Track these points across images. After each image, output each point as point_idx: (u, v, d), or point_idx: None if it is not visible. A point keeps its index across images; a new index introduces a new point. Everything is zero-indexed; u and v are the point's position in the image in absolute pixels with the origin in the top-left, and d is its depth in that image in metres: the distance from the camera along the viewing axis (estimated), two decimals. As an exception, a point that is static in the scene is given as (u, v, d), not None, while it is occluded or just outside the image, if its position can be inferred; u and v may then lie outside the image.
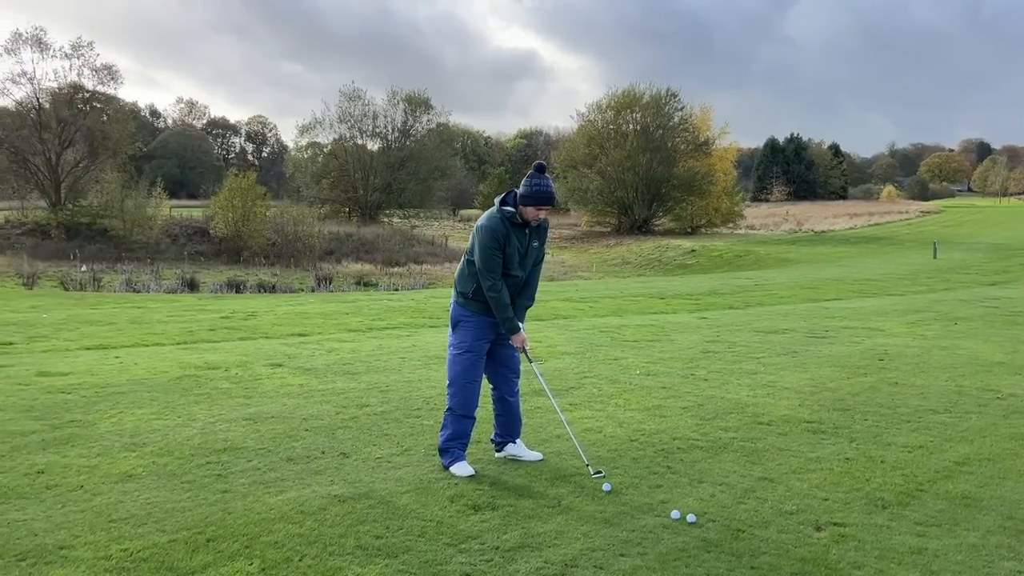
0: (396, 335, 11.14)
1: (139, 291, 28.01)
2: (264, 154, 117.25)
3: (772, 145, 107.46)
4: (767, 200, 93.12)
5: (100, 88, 44.79)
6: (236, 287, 30.95)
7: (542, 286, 24.83)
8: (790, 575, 3.54)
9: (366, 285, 34.15)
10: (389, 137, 54.17)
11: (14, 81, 41.70)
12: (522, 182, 4.86)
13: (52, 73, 43.23)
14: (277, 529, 3.89)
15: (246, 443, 5.40)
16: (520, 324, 5.05)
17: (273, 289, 31.43)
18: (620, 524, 4.08)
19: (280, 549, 3.66)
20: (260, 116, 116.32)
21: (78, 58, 43.20)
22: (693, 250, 46.27)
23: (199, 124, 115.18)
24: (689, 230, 60.20)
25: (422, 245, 48.74)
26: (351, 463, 5.00)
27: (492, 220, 4.84)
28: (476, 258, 4.87)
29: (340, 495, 4.38)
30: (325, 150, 56.58)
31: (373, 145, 53.86)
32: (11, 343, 10.12)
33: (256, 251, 39.22)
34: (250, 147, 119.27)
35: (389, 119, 53.34)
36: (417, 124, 53.81)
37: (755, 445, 5.54)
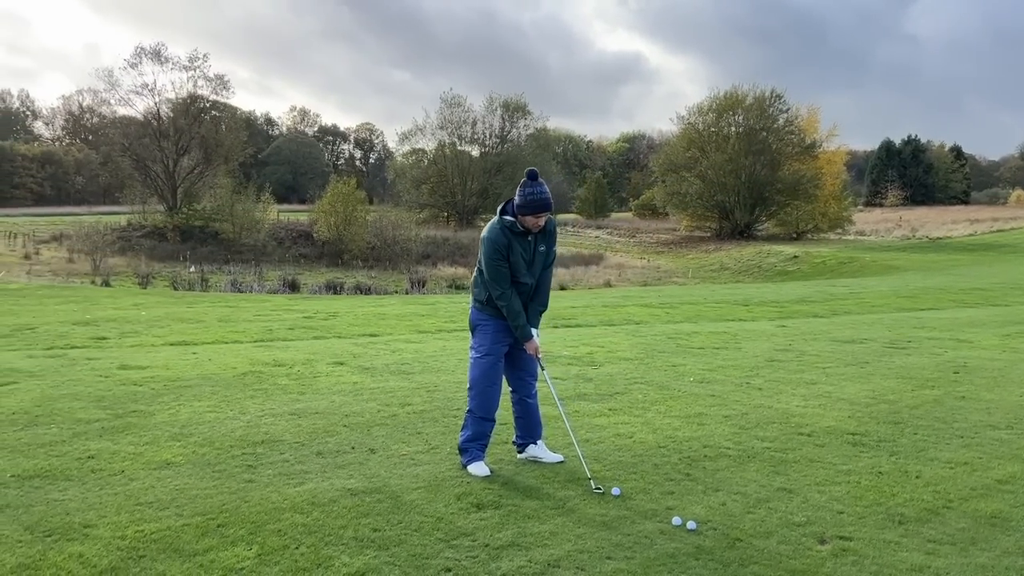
0: (463, 336, 11.32)
1: (243, 291, 29.39)
2: (371, 160, 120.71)
3: (887, 147, 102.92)
4: (881, 205, 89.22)
5: (213, 97, 47.19)
6: (335, 288, 32.04)
7: (623, 290, 24.63)
8: (769, 585, 3.49)
9: (458, 288, 34.75)
10: (487, 142, 54.96)
11: (137, 92, 44.55)
12: (516, 191, 4.91)
13: (170, 84, 46.01)
14: (285, 518, 4.09)
15: (284, 436, 5.66)
16: (534, 330, 5.09)
17: (369, 291, 32.39)
18: (617, 528, 4.09)
19: (281, 537, 3.86)
20: (368, 123, 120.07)
21: (194, 69, 45.75)
22: (795, 256, 44.93)
23: (310, 131, 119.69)
24: (794, 235, 58.47)
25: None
26: (375, 459, 5.18)
27: (493, 231, 4.91)
28: (483, 269, 4.97)
29: (354, 488, 4.56)
30: (427, 156, 57.77)
31: (471, 150, 54.74)
32: (105, 338, 10.86)
33: (356, 254, 40.46)
34: (358, 153, 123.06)
35: (487, 124, 54.20)
36: (514, 129, 54.42)
37: (787, 456, 5.41)
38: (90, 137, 49.03)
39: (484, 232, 4.98)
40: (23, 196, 76.97)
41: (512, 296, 4.95)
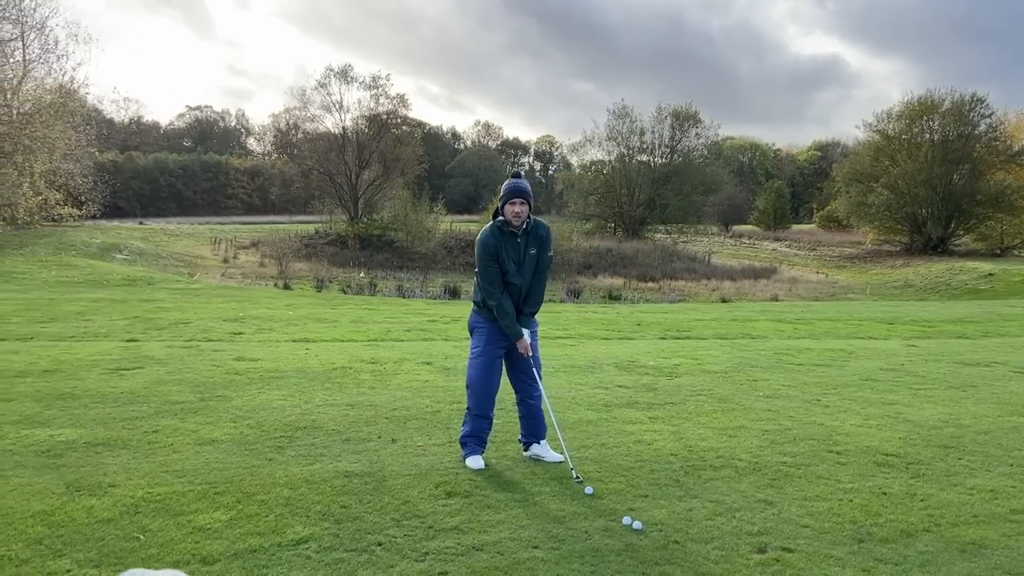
0: (562, 344, 11.61)
1: (407, 296, 31.09)
2: (550, 171, 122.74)
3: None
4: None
5: (394, 113, 50.13)
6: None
7: (776, 305, 23.57)
8: (675, 587, 3.57)
9: (613, 299, 34.82)
10: (655, 152, 54.60)
11: (327, 110, 48.28)
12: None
13: (356, 103, 49.34)
14: (274, 492, 4.61)
15: (326, 424, 6.23)
16: (525, 331, 5.34)
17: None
18: (564, 523, 4.28)
19: (260, 506, 4.37)
20: (548, 136, 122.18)
21: (377, 88, 48.85)
22: (990, 274, 41.15)
23: (493, 144, 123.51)
24: (997, 251, 53.52)
25: (683, 261, 48.38)
26: (392, 448, 5.62)
27: (484, 233, 5.26)
28: (477, 271, 5.32)
29: (351, 471, 5.01)
30: (595, 167, 58.10)
31: (640, 160, 54.53)
32: (241, 333, 12.08)
33: (519, 263, 41.48)
34: (538, 165, 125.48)
35: (656, 134, 53.78)
36: (684, 138, 53.65)
37: (796, 471, 5.32)
38: (295, 152, 53.50)
39: (478, 235, 5.34)
40: (235, 205, 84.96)
41: (502, 296, 5.25)
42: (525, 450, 5.57)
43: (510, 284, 5.31)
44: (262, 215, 79.60)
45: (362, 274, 34.75)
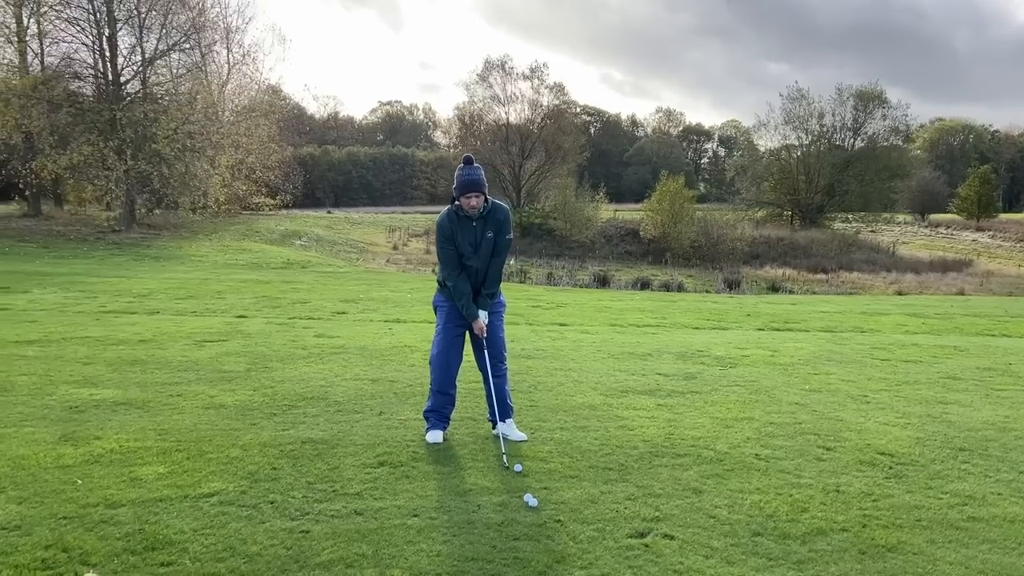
0: (643, 332, 11.43)
1: (556, 284, 31.44)
2: (735, 157, 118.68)
3: None
4: None
5: (554, 103, 50.54)
6: (642, 285, 32.75)
7: (902, 300, 21.81)
8: (513, 559, 3.58)
9: (775, 290, 33.38)
10: (835, 136, 51.30)
11: (493, 101, 49.58)
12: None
13: (517, 93, 50.17)
14: (226, 452, 4.98)
15: (333, 396, 6.60)
16: (482, 312, 5.42)
17: (680, 288, 32.53)
18: (465, 496, 4.36)
19: (203, 463, 4.77)
20: (734, 120, 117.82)
21: (536, 79, 49.45)
22: None
23: (675, 131, 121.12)
24: None
25: (862, 251, 45.40)
26: (371, 420, 5.87)
27: (441, 217, 5.37)
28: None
29: (313, 438, 5.33)
30: (780, 154, 55.43)
31: (818, 145, 51.48)
32: (345, 313, 12.86)
33: (679, 252, 40.68)
34: (722, 151, 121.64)
35: (837, 117, 50.53)
36: (869, 121, 50.02)
37: (759, 464, 5.06)
38: (477, 144, 55.66)
39: (437, 218, 5.48)
40: (419, 196, 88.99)
41: (459, 278, 5.36)
42: (493, 429, 5.66)
43: (467, 267, 5.41)
44: (443, 205, 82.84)
45: (512, 261, 35.45)
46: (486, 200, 5.37)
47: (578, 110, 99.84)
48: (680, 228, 41.40)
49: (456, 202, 5.35)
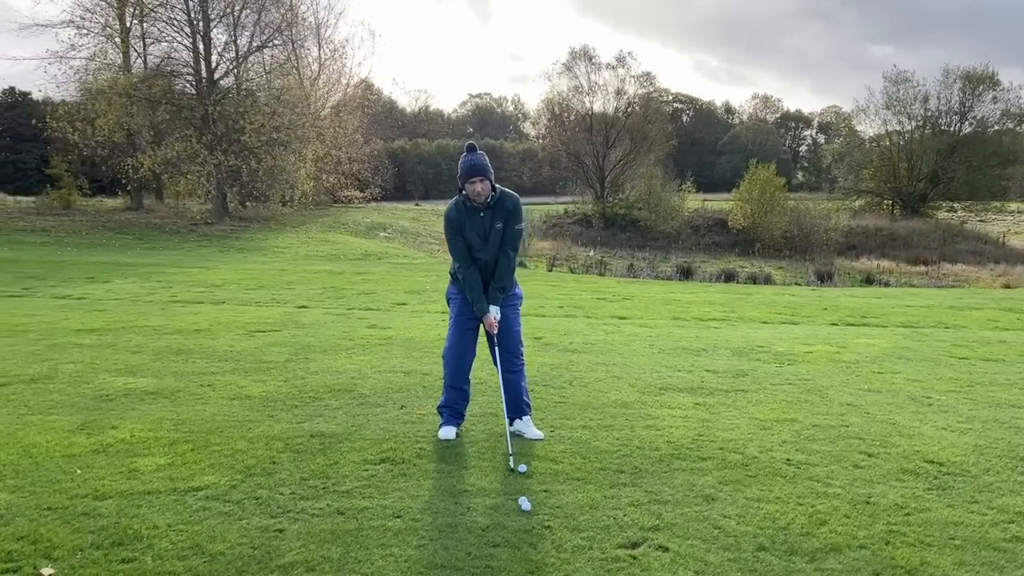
0: (705, 326, 10.97)
1: (637, 276, 30.85)
2: (834, 144, 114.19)
3: None
4: None
5: (640, 92, 49.63)
6: (727, 277, 31.78)
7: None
8: (485, 568, 3.36)
9: (869, 283, 31.89)
10: (940, 121, 48.45)
11: (579, 91, 49.06)
12: None
13: (602, 82, 49.40)
14: (233, 444, 4.93)
15: (362, 388, 6.50)
16: (493, 306, 5.19)
17: (767, 281, 31.45)
18: (457, 497, 4.15)
19: (204, 455, 4.72)
20: (835, 106, 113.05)
21: (622, 68, 48.61)
22: None
23: (771, 118, 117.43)
24: None
25: (968, 242, 42.83)
26: (391, 414, 5.74)
27: (448, 207, 5.16)
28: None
29: (326, 432, 5.22)
30: (881, 141, 52.89)
31: (922, 130, 48.73)
32: (404, 304, 12.85)
33: (769, 243, 39.35)
34: (821, 139, 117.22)
35: (942, 101, 47.69)
36: (978, 104, 47.01)
37: (789, 470, 4.68)
38: (566, 134, 55.25)
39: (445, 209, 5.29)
40: (507, 187, 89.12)
41: (467, 270, 5.15)
42: (510, 425, 5.44)
43: (477, 259, 5.20)
44: (533, 196, 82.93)
45: (591, 252, 35.00)
46: (493, 188, 5.15)
47: (669, 98, 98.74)
48: (770, 218, 39.96)
49: (463, 192, 5.14)
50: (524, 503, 4.05)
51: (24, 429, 5.17)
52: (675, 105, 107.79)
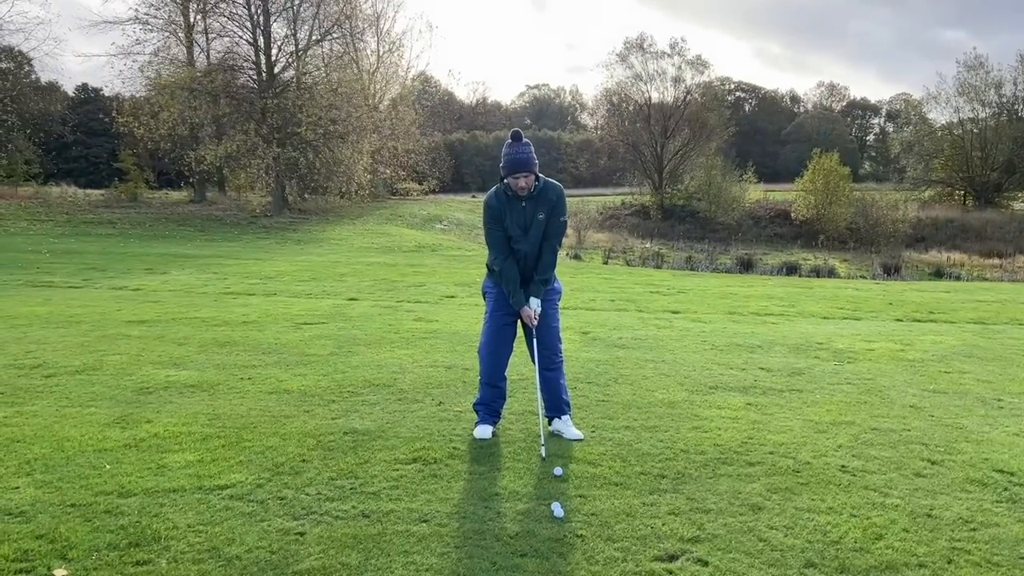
0: (762, 321, 10.59)
1: (695, 269, 30.28)
2: (903, 132, 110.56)
3: None
4: None
5: (696, 80, 48.73)
6: (789, 270, 30.97)
7: None
8: (508, 584, 3.17)
9: (939, 276, 30.75)
10: (1016, 108, 46.38)
11: (638, 79, 48.40)
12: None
13: (659, 71, 48.58)
14: (264, 441, 4.82)
15: (402, 384, 6.37)
16: (534, 299, 4.99)
17: (830, 274, 30.58)
18: (488, 501, 3.97)
19: (235, 451, 4.63)
20: (904, 93, 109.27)
21: (677, 55, 47.74)
22: None
23: (837, 106, 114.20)
24: None
25: (1047, 234, 41.03)
26: (427, 411, 5.59)
27: (488, 195, 4.96)
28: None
29: (359, 429, 5.09)
30: (954, 129, 50.92)
31: (997, 118, 46.73)
32: (453, 296, 12.74)
33: (833, 235, 38.26)
34: (890, 127, 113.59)
35: (1019, 87, 45.61)
36: (1059, 89, 44.87)
37: (845, 479, 4.38)
38: (625, 124, 54.72)
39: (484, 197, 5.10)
40: (564, 179, 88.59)
41: (505, 262, 4.96)
42: (549, 424, 5.25)
43: (516, 251, 5.01)
44: (589, 188, 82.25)
45: (648, 244, 34.47)
46: (537, 179, 4.94)
47: (731, 87, 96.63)
48: (835, 209, 38.85)
49: (504, 180, 4.95)
50: (557, 509, 3.85)
51: (61, 422, 5.17)
52: (737, 94, 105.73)
